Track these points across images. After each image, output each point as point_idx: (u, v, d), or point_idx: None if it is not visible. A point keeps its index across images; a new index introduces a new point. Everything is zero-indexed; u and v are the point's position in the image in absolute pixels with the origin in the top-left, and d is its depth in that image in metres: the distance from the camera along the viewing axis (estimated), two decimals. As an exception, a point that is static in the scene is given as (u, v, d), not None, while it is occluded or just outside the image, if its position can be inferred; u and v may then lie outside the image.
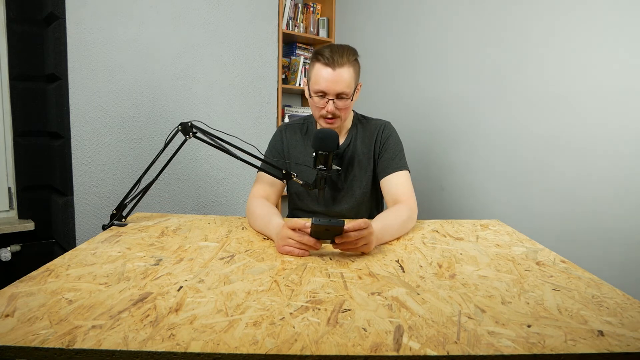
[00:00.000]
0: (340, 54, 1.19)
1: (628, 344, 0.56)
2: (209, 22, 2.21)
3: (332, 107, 1.21)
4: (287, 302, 0.68)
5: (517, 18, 1.70)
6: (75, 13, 1.82)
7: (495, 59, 1.79)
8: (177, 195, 2.19)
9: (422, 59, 2.16)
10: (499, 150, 1.80)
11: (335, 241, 0.90)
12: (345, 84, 1.20)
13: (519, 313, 0.65)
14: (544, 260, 0.92)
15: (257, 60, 2.41)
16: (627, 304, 0.69)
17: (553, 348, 0.55)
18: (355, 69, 1.23)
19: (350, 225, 0.89)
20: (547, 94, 1.60)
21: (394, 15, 2.32)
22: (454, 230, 1.20)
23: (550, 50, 1.59)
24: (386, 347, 0.55)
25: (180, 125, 1.13)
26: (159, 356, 0.52)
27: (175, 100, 2.14)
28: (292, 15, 2.64)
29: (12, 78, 1.85)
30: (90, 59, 1.88)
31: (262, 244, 1.03)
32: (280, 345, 0.55)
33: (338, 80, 1.19)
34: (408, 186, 1.26)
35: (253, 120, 2.44)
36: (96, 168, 1.93)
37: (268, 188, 1.30)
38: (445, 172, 2.05)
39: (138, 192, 1.18)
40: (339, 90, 1.20)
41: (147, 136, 2.06)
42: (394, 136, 1.34)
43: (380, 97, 2.42)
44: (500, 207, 1.81)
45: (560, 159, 1.57)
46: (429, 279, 0.80)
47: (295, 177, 1.18)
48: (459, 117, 1.97)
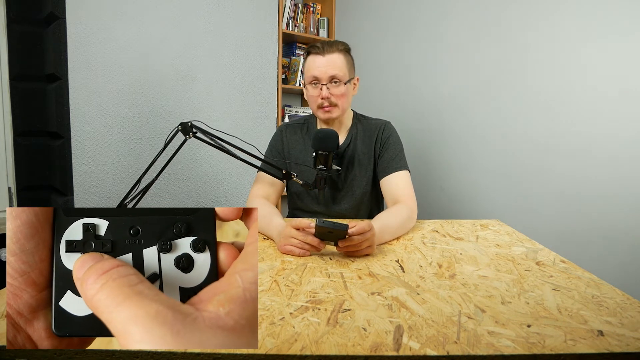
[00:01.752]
0: (330, 44, 1.25)
1: (628, 344, 0.56)
2: (209, 22, 2.21)
3: (326, 92, 1.24)
4: (287, 302, 0.68)
5: (517, 18, 1.70)
6: (75, 13, 1.82)
7: (495, 59, 1.79)
8: (177, 195, 2.19)
9: (422, 58, 2.16)
10: (499, 150, 1.80)
11: (339, 244, 0.90)
12: (337, 67, 1.24)
13: (519, 313, 0.65)
14: (544, 260, 0.92)
15: (257, 60, 2.41)
16: (627, 304, 0.69)
17: (553, 348, 0.55)
18: (346, 58, 1.28)
19: (354, 229, 0.89)
20: (548, 94, 1.60)
21: (393, 15, 2.32)
22: (453, 230, 1.20)
23: (550, 50, 1.59)
24: (386, 347, 0.55)
25: (180, 125, 1.13)
26: (159, 356, 0.52)
27: (175, 100, 2.14)
28: (292, 15, 2.64)
29: (12, 78, 1.85)
30: (90, 59, 1.88)
31: (262, 244, 1.02)
32: (280, 345, 0.55)
33: (329, 64, 1.23)
34: (408, 186, 1.26)
35: (253, 120, 2.44)
36: (96, 168, 1.93)
37: (268, 188, 1.30)
38: (445, 172, 2.05)
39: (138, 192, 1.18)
40: (331, 73, 1.23)
41: (147, 136, 2.06)
42: (394, 136, 1.35)
43: (380, 97, 2.42)
44: (500, 207, 1.81)
45: (560, 159, 1.57)
46: (429, 279, 0.80)
47: (295, 177, 1.19)
48: (459, 117, 1.97)
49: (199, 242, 0.43)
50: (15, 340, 0.39)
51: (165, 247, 0.42)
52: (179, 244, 0.43)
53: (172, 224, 0.43)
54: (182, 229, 0.43)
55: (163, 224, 0.43)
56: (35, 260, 0.40)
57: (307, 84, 1.28)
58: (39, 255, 0.40)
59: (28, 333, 0.39)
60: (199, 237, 0.43)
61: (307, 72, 1.28)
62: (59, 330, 0.40)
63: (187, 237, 0.43)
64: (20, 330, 0.39)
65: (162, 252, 0.42)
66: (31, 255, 0.40)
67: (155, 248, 0.42)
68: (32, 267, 0.40)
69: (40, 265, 0.40)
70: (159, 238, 0.43)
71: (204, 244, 0.43)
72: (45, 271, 0.41)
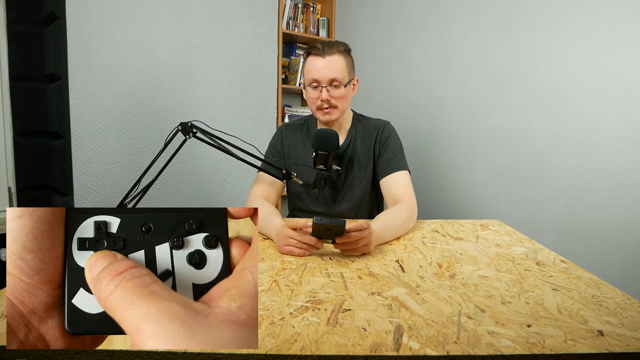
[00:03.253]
0: (330, 45, 1.24)
1: (628, 344, 0.56)
2: (209, 22, 2.21)
3: (326, 94, 1.23)
4: (287, 302, 0.68)
5: (517, 18, 1.70)
6: (75, 13, 1.82)
7: (495, 58, 1.79)
8: (177, 195, 2.19)
9: (422, 58, 2.16)
10: (499, 150, 1.80)
11: (336, 241, 0.90)
12: (337, 70, 1.23)
13: (519, 313, 0.65)
14: (544, 260, 0.92)
15: (257, 60, 2.41)
16: (627, 304, 0.69)
17: (553, 348, 0.55)
18: (347, 59, 1.27)
19: (351, 226, 0.89)
20: (548, 94, 1.60)
21: (393, 15, 2.32)
22: (453, 230, 1.20)
23: (551, 50, 1.59)
24: (386, 347, 0.55)
25: (180, 125, 1.13)
26: (159, 356, 0.52)
27: (175, 100, 2.14)
28: (292, 15, 2.64)
29: (12, 78, 1.85)
30: (90, 59, 1.88)
31: (262, 244, 1.02)
32: (280, 345, 0.55)
33: (329, 67, 1.22)
34: (408, 186, 1.26)
35: (253, 120, 2.44)
36: (96, 168, 1.93)
37: (268, 188, 1.30)
38: (445, 172, 2.05)
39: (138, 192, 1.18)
40: (331, 76, 1.22)
41: (147, 136, 2.06)
42: (394, 136, 1.34)
43: (380, 97, 2.42)
44: (500, 207, 1.81)
45: (561, 159, 1.57)
46: (429, 279, 0.80)
47: (295, 177, 1.19)
48: (459, 117, 1.97)
49: (211, 238, 0.43)
50: (27, 340, 0.38)
51: (177, 243, 0.42)
52: (191, 241, 0.43)
53: (183, 220, 0.43)
54: (194, 226, 0.43)
55: (175, 221, 0.43)
56: (52, 258, 0.40)
57: (306, 86, 1.28)
58: (55, 253, 0.40)
59: (41, 332, 0.39)
60: (211, 233, 0.43)
61: (306, 74, 1.27)
62: (72, 328, 0.39)
63: (199, 234, 0.43)
64: (33, 329, 0.39)
65: (175, 248, 0.42)
66: (48, 252, 0.39)
67: (168, 245, 0.42)
68: (49, 264, 0.39)
69: (56, 263, 0.40)
70: (170, 235, 0.42)
71: (216, 240, 0.43)
72: (60, 268, 0.40)
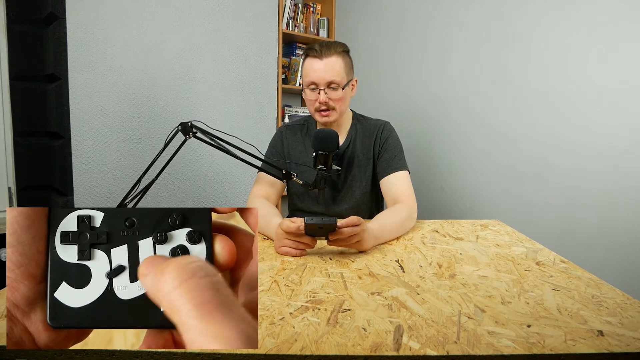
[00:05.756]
0: (328, 46, 1.23)
1: (628, 344, 0.56)
2: (209, 22, 2.21)
3: (324, 97, 1.23)
4: (287, 302, 0.68)
5: (517, 18, 1.70)
6: (75, 13, 1.82)
7: (495, 58, 1.79)
8: (177, 195, 2.19)
9: (422, 58, 2.16)
10: (499, 150, 1.80)
11: (329, 238, 0.91)
12: (335, 72, 1.22)
13: (519, 313, 0.65)
14: (544, 260, 0.92)
15: (257, 60, 2.41)
16: (627, 304, 0.69)
17: (553, 348, 0.55)
18: (345, 61, 1.26)
19: (343, 222, 0.90)
20: (548, 95, 1.60)
21: (393, 15, 2.32)
22: (453, 230, 1.20)
23: (551, 50, 1.59)
24: (386, 347, 0.55)
25: (180, 125, 1.13)
26: (159, 356, 0.52)
27: (175, 100, 2.14)
28: (292, 15, 2.64)
29: (12, 78, 1.85)
30: (90, 59, 1.88)
31: (262, 244, 1.02)
32: (280, 345, 0.54)
33: (327, 69, 1.21)
34: (408, 186, 1.26)
35: (253, 120, 2.44)
36: (96, 168, 1.93)
37: (268, 188, 1.30)
38: (445, 172, 2.05)
39: (138, 192, 1.18)
40: (329, 78, 1.22)
41: (147, 136, 2.06)
42: (394, 136, 1.34)
43: (380, 97, 2.42)
44: (500, 207, 1.81)
45: (561, 159, 1.57)
46: (429, 279, 0.80)
47: (295, 177, 1.19)
48: (459, 117, 1.97)
49: (194, 233, 0.43)
50: (12, 333, 0.38)
51: (160, 238, 0.42)
52: (175, 235, 0.43)
53: (167, 215, 0.43)
54: (177, 221, 0.43)
55: (158, 216, 0.43)
56: (32, 253, 0.40)
57: (304, 88, 1.27)
58: (36, 248, 0.40)
59: (25, 326, 0.39)
60: (195, 229, 0.43)
61: (304, 76, 1.26)
62: (54, 322, 0.39)
63: (183, 229, 0.43)
64: (17, 322, 0.39)
65: (158, 243, 0.42)
66: (28, 247, 0.40)
67: (151, 239, 0.42)
68: (29, 259, 0.40)
69: (37, 258, 0.40)
70: (154, 229, 0.42)
71: (200, 235, 0.43)
72: (42, 263, 0.40)
